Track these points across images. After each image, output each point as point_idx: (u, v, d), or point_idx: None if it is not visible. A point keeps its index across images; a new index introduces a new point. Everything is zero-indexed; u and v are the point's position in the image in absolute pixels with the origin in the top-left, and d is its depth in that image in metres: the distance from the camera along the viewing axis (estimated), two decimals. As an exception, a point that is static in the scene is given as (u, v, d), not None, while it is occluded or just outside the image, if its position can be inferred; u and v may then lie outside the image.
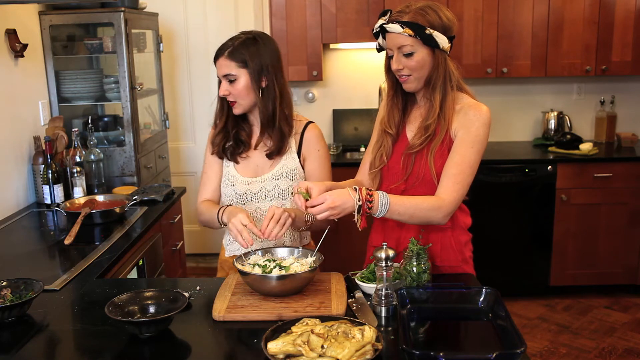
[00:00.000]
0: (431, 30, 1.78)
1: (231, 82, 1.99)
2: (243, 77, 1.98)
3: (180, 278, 3.18)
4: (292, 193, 1.73)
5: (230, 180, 2.10)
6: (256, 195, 2.08)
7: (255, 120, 2.11)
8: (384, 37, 1.86)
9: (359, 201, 1.68)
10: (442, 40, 1.80)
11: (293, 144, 2.10)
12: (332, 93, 4.52)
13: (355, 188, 1.71)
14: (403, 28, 1.78)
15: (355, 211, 1.69)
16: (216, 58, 2.01)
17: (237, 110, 2.04)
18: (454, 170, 1.81)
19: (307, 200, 1.71)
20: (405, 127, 1.97)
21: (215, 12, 4.56)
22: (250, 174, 2.09)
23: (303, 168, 2.10)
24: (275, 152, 2.07)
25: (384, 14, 1.85)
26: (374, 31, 1.88)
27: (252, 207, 2.09)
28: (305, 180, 2.11)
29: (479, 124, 1.83)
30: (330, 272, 1.91)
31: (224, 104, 2.08)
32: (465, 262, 1.98)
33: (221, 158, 2.12)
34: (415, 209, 1.76)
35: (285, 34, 4.08)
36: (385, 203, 1.72)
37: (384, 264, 1.64)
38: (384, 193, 1.74)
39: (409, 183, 1.91)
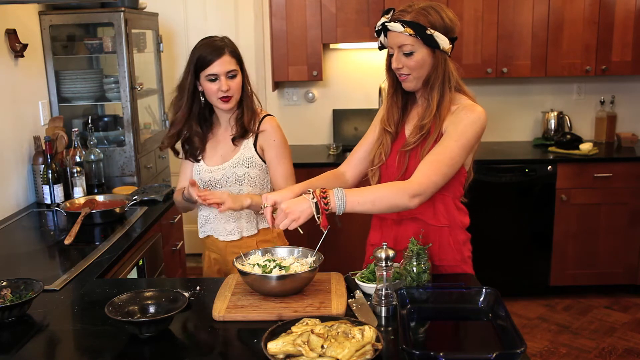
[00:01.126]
0: (432, 31, 1.78)
1: (232, 77, 2.15)
2: (239, 73, 2.18)
3: (180, 278, 3.18)
4: (263, 206, 1.82)
5: (197, 169, 2.30)
6: (219, 181, 2.25)
7: (225, 115, 2.26)
8: (385, 35, 1.87)
9: (313, 199, 1.68)
10: (443, 41, 1.80)
11: (251, 134, 2.24)
12: (332, 93, 4.52)
13: (308, 191, 1.71)
14: (404, 27, 1.78)
15: (314, 211, 1.68)
16: (219, 55, 2.14)
17: (230, 105, 2.19)
18: (431, 157, 1.79)
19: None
20: (404, 126, 1.97)
21: (215, 12, 4.56)
22: (216, 163, 2.26)
23: (262, 158, 2.24)
24: (236, 137, 2.22)
25: (386, 12, 1.86)
26: (376, 29, 1.88)
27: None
28: (269, 170, 2.27)
29: (468, 121, 1.82)
30: (330, 272, 1.91)
31: (188, 110, 2.23)
32: (464, 262, 1.98)
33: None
34: (375, 196, 1.73)
35: (285, 34, 4.08)
36: (341, 196, 1.69)
37: (384, 264, 1.64)
38: (339, 188, 1.72)
39: (405, 179, 1.91)
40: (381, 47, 1.93)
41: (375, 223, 2.07)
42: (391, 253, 1.64)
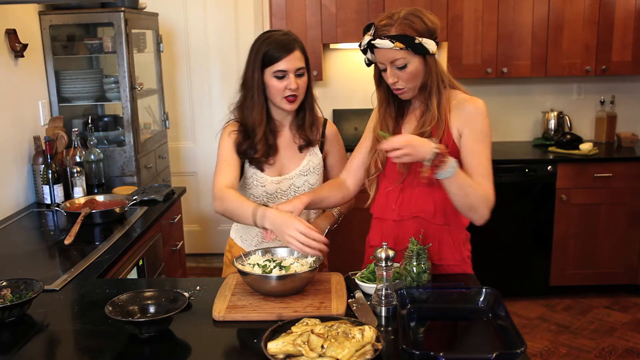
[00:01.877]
0: (420, 39, 1.78)
1: (299, 76, 2.01)
2: (306, 72, 2.03)
3: (180, 278, 3.18)
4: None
5: (260, 182, 2.09)
6: (285, 192, 2.11)
7: (285, 118, 2.12)
8: (372, 52, 1.85)
9: (436, 149, 1.67)
10: (431, 46, 1.80)
11: (317, 141, 2.14)
12: (332, 93, 4.52)
13: (434, 141, 1.71)
14: (393, 42, 1.77)
15: (430, 159, 1.68)
16: (289, 51, 1.97)
17: (295, 105, 2.04)
18: (479, 169, 1.83)
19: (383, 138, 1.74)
20: (400, 130, 1.97)
21: (215, 12, 4.56)
22: (276, 173, 2.10)
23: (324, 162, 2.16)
24: (305, 145, 2.10)
25: (367, 29, 1.83)
26: (361, 48, 1.86)
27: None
28: (324, 173, 2.19)
29: (481, 117, 1.84)
30: (330, 272, 1.91)
31: (263, 108, 2.03)
32: (464, 262, 1.98)
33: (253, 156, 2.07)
34: (471, 189, 1.77)
35: (285, 34, 4.08)
36: (455, 167, 1.71)
37: (383, 264, 1.64)
38: (455, 160, 1.72)
39: (406, 183, 1.93)
40: (369, 64, 1.92)
41: (375, 223, 2.06)
42: (391, 253, 1.64)
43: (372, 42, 1.80)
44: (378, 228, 2.04)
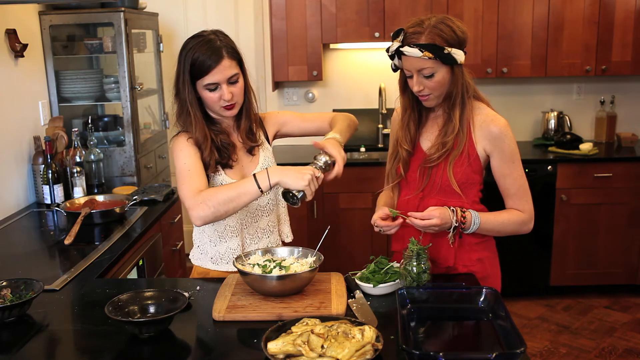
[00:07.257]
0: (449, 49, 1.77)
1: (233, 83, 1.90)
2: (240, 75, 1.92)
3: (180, 278, 3.18)
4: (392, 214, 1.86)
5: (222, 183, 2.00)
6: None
7: (228, 121, 2.03)
8: (399, 58, 1.83)
9: (456, 222, 1.82)
10: (459, 56, 1.80)
11: (261, 134, 2.10)
12: (332, 93, 4.52)
13: (452, 209, 1.82)
14: (422, 52, 1.75)
15: (451, 230, 1.82)
16: (217, 61, 1.85)
17: (235, 111, 1.95)
18: (512, 189, 1.95)
19: (393, 218, 1.87)
20: (420, 138, 1.96)
21: (215, 12, 4.56)
22: (239, 175, 2.01)
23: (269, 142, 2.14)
24: (254, 145, 2.04)
25: (396, 34, 1.82)
26: (389, 53, 1.85)
27: (253, 205, 2.04)
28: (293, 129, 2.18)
29: (508, 139, 1.88)
30: (330, 272, 1.91)
31: (204, 124, 1.94)
32: (481, 261, 1.98)
33: (213, 171, 1.98)
34: (502, 226, 1.94)
35: (285, 34, 4.08)
36: (477, 222, 1.86)
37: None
38: (476, 213, 1.87)
39: (426, 192, 1.93)
40: (395, 69, 1.90)
41: (397, 232, 2.04)
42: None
43: (401, 49, 1.79)
44: (400, 234, 2.02)
